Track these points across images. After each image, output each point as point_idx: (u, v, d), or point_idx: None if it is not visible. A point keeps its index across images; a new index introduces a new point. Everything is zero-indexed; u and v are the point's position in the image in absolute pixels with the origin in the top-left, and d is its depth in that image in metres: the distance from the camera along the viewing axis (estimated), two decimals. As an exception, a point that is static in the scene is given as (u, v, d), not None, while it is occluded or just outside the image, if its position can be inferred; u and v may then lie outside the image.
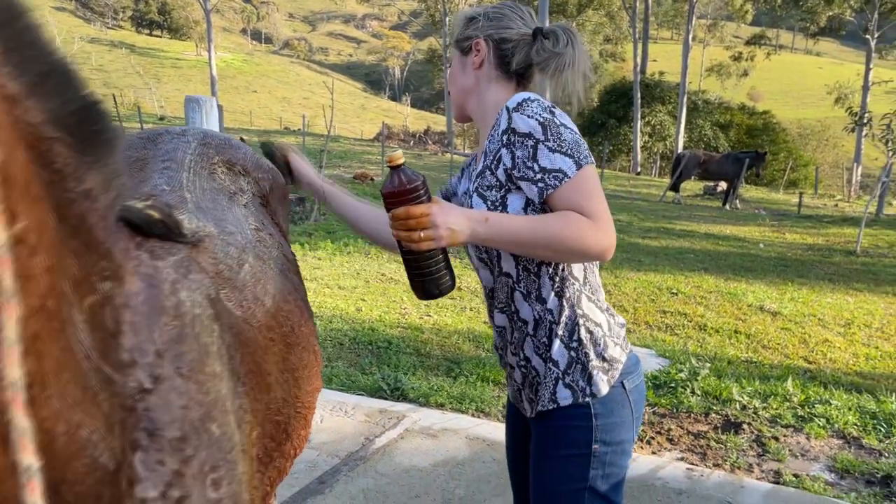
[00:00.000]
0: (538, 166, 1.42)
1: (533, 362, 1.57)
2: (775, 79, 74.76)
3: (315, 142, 25.85)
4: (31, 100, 0.73)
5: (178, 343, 1.07)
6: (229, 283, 1.35)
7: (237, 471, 1.12)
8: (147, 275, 1.09)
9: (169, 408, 1.00)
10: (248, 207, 1.70)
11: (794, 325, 6.43)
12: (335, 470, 3.25)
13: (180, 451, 1.00)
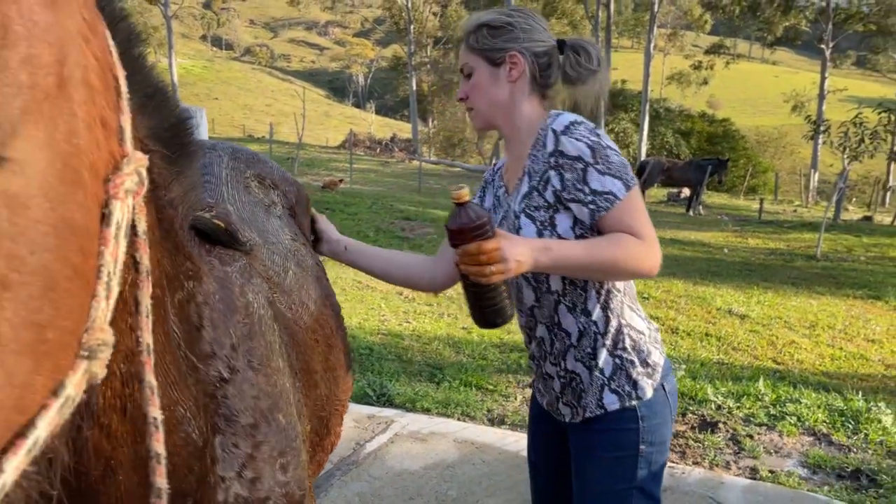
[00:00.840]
0: (588, 189, 1.47)
1: (577, 371, 1.62)
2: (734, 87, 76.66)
3: (281, 149, 25.69)
4: (139, 117, 0.81)
5: (249, 339, 1.18)
6: (279, 287, 1.46)
7: (301, 458, 1.22)
8: (220, 277, 1.19)
9: (243, 397, 1.10)
10: (281, 219, 1.79)
11: (761, 327, 6.65)
12: (329, 475, 3.29)
13: (252, 436, 1.10)
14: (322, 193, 14.92)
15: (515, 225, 1.58)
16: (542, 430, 1.84)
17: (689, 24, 51.45)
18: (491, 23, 1.61)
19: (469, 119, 1.72)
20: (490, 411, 4.30)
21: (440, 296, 7.51)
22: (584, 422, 1.65)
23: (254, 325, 1.20)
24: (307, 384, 1.40)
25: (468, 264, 1.34)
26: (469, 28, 1.64)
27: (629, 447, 1.59)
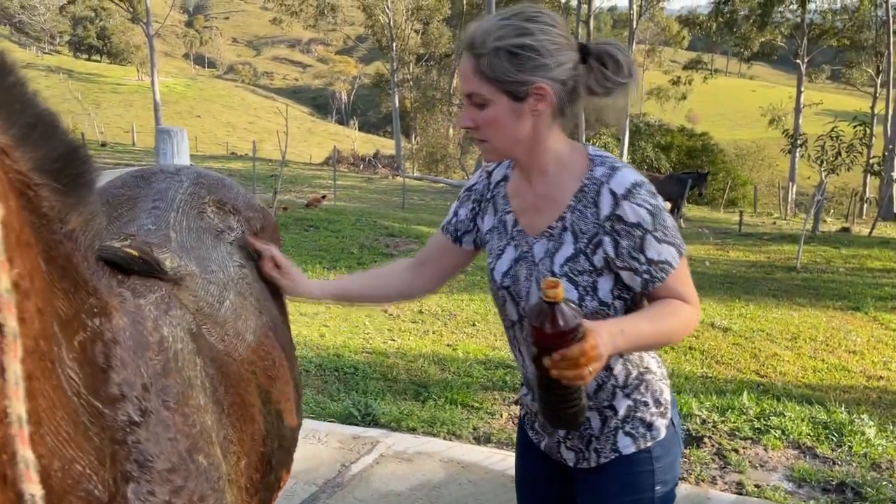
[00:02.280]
0: (644, 257, 1.38)
1: (588, 418, 1.55)
2: (712, 101, 77.68)
3: (264, 167, 25.62)
4: (19, 150, 0.77)
5: (163, 377, 1.11)
6: (210, 318, 1.40)
7: (225, 500, 1.16)
8: (131, 311, 1.12)
9: (157, 440, 1.04)
10: (233, 245, 1.74)
11: (744, 340, 6.70)
12: (313, 497, 3.26)
13: (170, 481, 1.04)
14: (305, 211, 14.87)
15: (544, 273, 1.48)
16: (535, 469, 1.75)
17: (667, 40, 52.21)
18: (511, 48, 1.36)
19: (479, 149, 1.53)
20: (476, 429, 4.28)
21: (425, 312, 7.50)
22: (596, 467, 1.58)
23: (168, 362, 1.14)
24: (241, 419, 1.34)
25: (566, 369, 1.19)
26: (480, 48, 1.38)
27: (646, 489, 1.54)
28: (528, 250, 1.52)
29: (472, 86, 1.41)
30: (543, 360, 1.20)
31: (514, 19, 1.38)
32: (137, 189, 1.79)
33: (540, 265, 1.49)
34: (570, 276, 1.44)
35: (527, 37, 1.36)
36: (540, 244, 1.50)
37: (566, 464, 1.64)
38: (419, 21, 43.05)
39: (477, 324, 7.14)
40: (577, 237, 1.44)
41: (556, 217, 1.47)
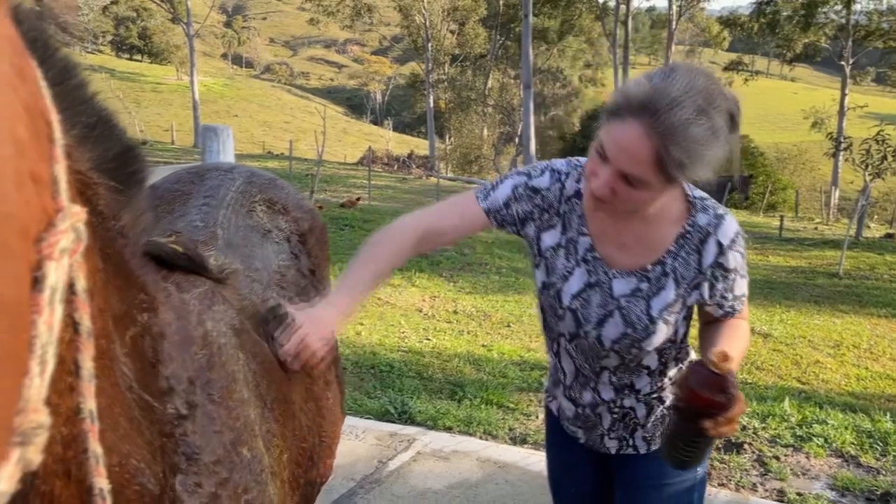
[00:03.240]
0: (732, 295, 1.49)
1: (634, 408, 1.64)
2: (751, 104, 76.27)
3: (300, 166, 25.91)
4: (79, 150, 0.79)
5: (208, 371, 1.13)
6: (253, 318, 1.40)
7: (268, 492, 1.17)
8: (176, 306, 1.14)
9: (203, 433, 1.06)
10: (280, 245, 1.76)
11: (785, 346, 6.58)
12: (351, 493, 3.29)
13: (216, 473, 1.05)
14: (340, 210, 15.00)
15: (634, 316, 1.50)
16: (571, 464, 1.81)
17: (707, 41, 51.45)
18: (705, 158, 1.31)
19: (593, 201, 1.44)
20: (512, 430, 4.28)
21: (459, 313, 7.51)
22: (645, 453, 1.66)
23: (213, 356, 1.15)
24: (283, 414, 1.36)
25: (725, 426, 1.27)
26: (671, 140, 1.27)
27: (689, 471, 1.61)
28: (604, 281, 1.52)
29: (639, 170, 1.32)
30: (705, 422, 1.27)
31: (706, 119, 1.28)
32: (191, 185, 1.83)
33: (624, 302, 1.50)
34: (664, 319, 1.49)
35: (716, 144, 1.31)
36: (624, 281, 1.51)
37: (607, 452, 1.70)
38: (455, 21, 43.08)
39: (512, 325, 7.13)
40: (679, 283, 1.48)
41: (654, 260, 1.49)
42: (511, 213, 1.57)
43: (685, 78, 1.29)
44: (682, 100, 1.26)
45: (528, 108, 23.10)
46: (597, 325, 1.55)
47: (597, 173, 1.36)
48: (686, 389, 1.30)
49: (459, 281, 9.05)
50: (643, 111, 1.27)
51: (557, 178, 1.56)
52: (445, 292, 8.36)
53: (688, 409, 1.30)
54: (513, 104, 36.84)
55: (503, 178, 1.61)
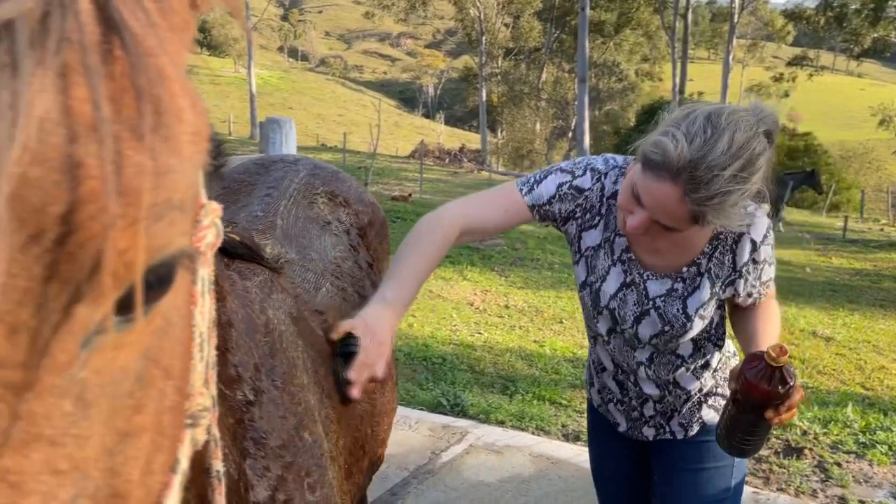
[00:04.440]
0: (760, 283, 1.53)
1: (674, 398, 1.68)
2: (815, 100, 73.76)
3: (353, 158, 26.20)
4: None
5: (271, 357, 1.15)
6: (307, 305, 1.43)
7: (327, 476, 1.20)
8: (240, 294, 1.17)
9: (270, 418, 1.08)
10: (339, 237, 1.78)
11: (848, 350, 6.38)
12: (405, 482, 3.34)
13: (281, 457, 1.08)
14: (392, 203, 15.14)
15: (671, 315, 1.54)
16: (614, 453, 1.86)
17: (770, 34, 49.93)
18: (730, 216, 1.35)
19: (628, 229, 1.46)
20: (564, 426, 4.27)
21: (511, 308, 7.50)
22: (682, 439, 1.70)
23: (275, 343, 1.18)
24: (338, 401, 1.38)
25: (785, 413, 1.33)
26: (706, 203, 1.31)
27: (727, 457, 1.63)
28: (639, 282, 1.58)
29: (674, 224, 1.37)
30: (766, 412, 1.33)
31: (743, 184, 1.31)
32: (256, 176, 1.88)
33: (659, 302, 1.55)
34: (701, 315, 1.54)
35: (749, 197, 1.35)
36: (659, 283, 1.56)
37: (644, 440, 1.74)
38: (510, 14, 42.83)
39: (564, 321, 7.09)
40: (714, 282, 1.53)
41: (687, 262, 1.53)
42: (553, 210, 1.59)
43: (727, 135, 1.29)
44: (722, 167, 1.29)
45: (582, 102, 22.83)
46: (634, 323, 1.59)
47: (632, 211, 1.40)
48: (744, 382, 1.34)
49: (511, 276, 9.04)
50: (681, 177, 1.30)
51: (598, 178, 1.59)
52: (497, 287, 8.36)
53: (747, 402, 1.35)
54: (567, 98, 36.48)
55: (545, 172, 1.62)
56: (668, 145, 1.30)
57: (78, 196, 0.38)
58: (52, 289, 0.39)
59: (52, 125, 0.37)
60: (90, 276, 0.40)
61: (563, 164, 1.63)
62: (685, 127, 1.31)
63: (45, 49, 0.37)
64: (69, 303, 0.40)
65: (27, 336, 0.39)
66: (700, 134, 1.30)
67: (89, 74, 0.38)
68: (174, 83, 0.44)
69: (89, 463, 0.43)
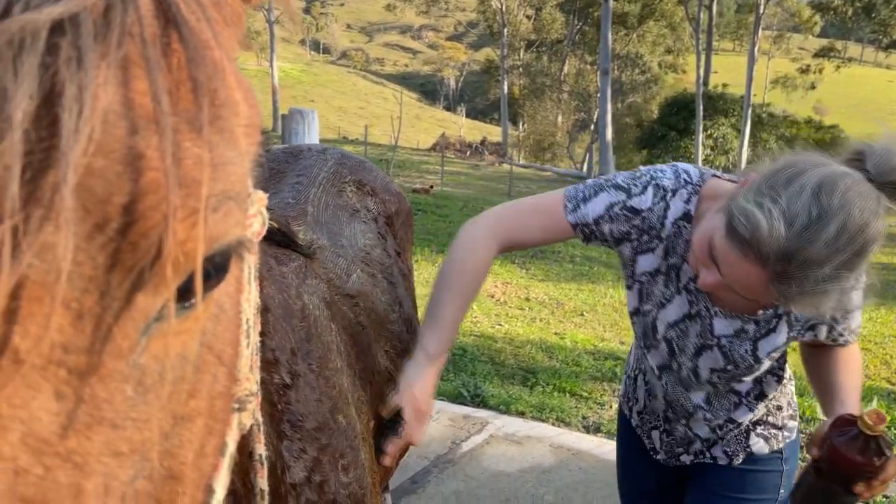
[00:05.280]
0: (849, 331, 1.39)
1: (724, 433, 1.55)
2: (842, 92, 72.46)
3: (374, 151, 26.27)
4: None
5: (307, 342, 1.17)
6: (339, 290, 1.46)
7: (360, 457, 1.22)
8: (277, 279, 1.18)
9: (306, 401, 1.10)
10: (367, 224, 1.80)
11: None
12: (426, 471, 3.36)
13: (317, 440, 1.10)
14: (414, 196, 15.17)
15: (738, 356, 1.40)
16: (644, 472, 1.74)
17: (796, 25, 49.14)
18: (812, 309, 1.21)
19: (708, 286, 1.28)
20: (585, 418, 4.26)
21: (531, 300, 7.49)
22: (724, 465, 1.58)
23: (311, 327, 1.20)
24: (370, 384, 1.41)
25: (878, 488, 1.22)
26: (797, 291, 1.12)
27: (771, 490, 1.54)
28: (705, 315, 1.40)
29: (753, 297, 1.21)
30: (856, 486, 1.19)
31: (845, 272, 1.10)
32: (286, 164, 1.90)
33: (724, 342, 1.39)
34: (771, 357, 1.40)
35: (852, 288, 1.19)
36: (727, 322, 1.39)
37: (682, 465, 1.63)
38: (531, 6, 42.61)
39: (585, 314, 7.07)
40: (792, 326, 1.36)
41: (765, 305, 1.35)
42: (601, 231, 1.41)
43: (837, 221, 1.06)
44: (822, 261, 1.07)
45: (605, 94, 22.65)
46: (693, 356, 1.44)
47: (707, 267, 1.22)
48: (832, 450, 1.20)
49: (532, 268, 9.02)
50: (770, 263, 1.10)
51: (662, 197, 1.37)
52: (518, 279, 8.35)
53: (833, 472, 1.21)
54: (589, 91, 36.21)
55: (598, 187, 1.42)
56: (760, 224, 1.08)
57: (140, 187, 0.39)
58: (115, 277, 0.40)
59: (115, 117, 0.38)
60: (151, 265, 0.41)
61: (620, 177, 1.42)
62: (785, 202, 1.08)
63: (108, 43, 0.38)
64: (131, 291, 0.41)
65: (91, 322, 0.40)
66: (803, 216, 1.07)
67: (149, 67, 0.40)
68: (229, 76, 0.45)
69: (147, 445, 0.45)
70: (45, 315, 0.38)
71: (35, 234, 0.36)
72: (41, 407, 0.39)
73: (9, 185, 0.35)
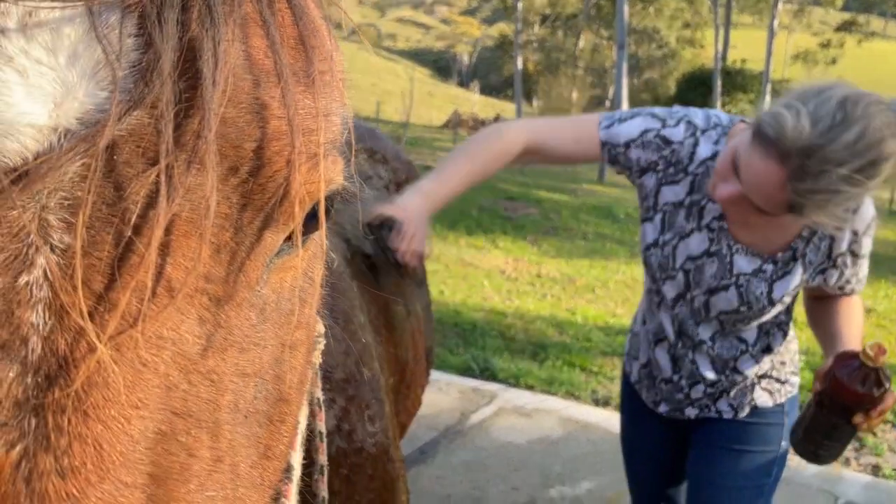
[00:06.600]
0: (856, 279, 1.45)
1: (729, 383, 1.60)
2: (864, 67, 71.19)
3: (385, 128, 26.18)
4: None
5: (334, 298, 1.20)
6: (358, 250, 1.50)
7: (385, 409, 1.28)
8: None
9: (333, 354, 1.14)
10: (380, 191, 1.83)
11: (889, 322, 6.26)
12: (435, 442, 3.40)
13: (345, 391, 1.15)
14: (427, 172, 15.14)
15: (753, 297, 1.45)
16: (649, 432, 1.79)
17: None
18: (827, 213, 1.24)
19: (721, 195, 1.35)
20: (595, 392, 4.28)
21: (543, 276, 7.49)
22: (729, 419, 1.62)
23: (337, 284, 1.23)
24: (388, 341, 1.45)
25: (876, 419, 1.26)
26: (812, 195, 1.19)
27: (774, 442, 1.58)
28: (725, 253, 1.45)
29: (765, 206, 1.25)
30: (856, 417, 1.24)
31: (859, 177, 1.16)
32: None
33: (742, 280, 1.44)
34: (783, 301, 1.46)
35: (861, 197, 1.26)
36: (748, 259, 1.44)
37: (686, 419, 1.67)
38: (546, -20, 42.04)
39: (597, 290, 7.06)
40: (806, 268, 1.43)
41: (783, 244, 1.41)
42: (628, 155, 1.48)
43: (858, 127, 1.14)
44: (839, 163, 1.14)
45: (620, 69, 22.39)
46: (707, 292, 1.49)
47: (727, 179, 1.28)
48: (835, 382, 1.25)
49: (544, 245, 9.01)
50: (790, 160, 1.16)
51: (692, 133, 1.44)
52: (529, 255, 8.34)
53: (834, 403, 1.26)
54: (604, 66, 35.84)
55: (635, 112, 1.49)
56: (787, 121, 1.16)
57: (266, 133, 0.43)
58: (247, 215, 0.45)
59: (241, 71, 0.42)
60: (278, 205, 0.45)
61: (657, 108, 1.50)
62: (813, 105, 1.16)
63: (233, 2, 0.42)
64: (261, 228, 0.46)
65: (228, 256, 0.45)
66: (828, 118, 1.14)
67: (266, 25, 0.44)
68: (324, 31, 0.50)
69: (265, 369, 0.50)
70: (193, 249, 0.42)
71: (184, 176, 0.40)
72: (188, 330, 0.44)
73: (164, 130, 0.38)
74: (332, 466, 1.11)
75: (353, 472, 1.17)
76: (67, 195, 0.38)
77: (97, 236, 0.39)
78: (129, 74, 0.39)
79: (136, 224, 0.40)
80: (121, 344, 0.40)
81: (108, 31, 0.38)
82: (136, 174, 0.39)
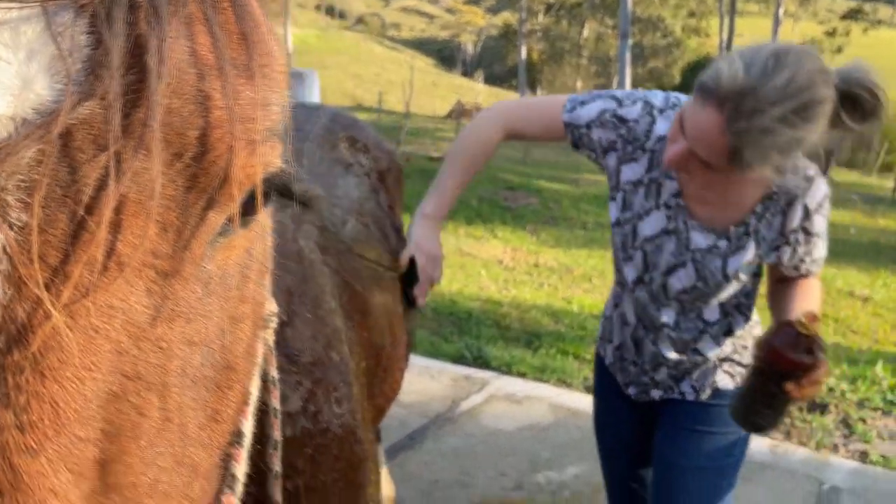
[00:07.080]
0: (811, 258, 1.45)
1: (691, 364, 1.64)
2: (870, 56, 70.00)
3: (388, 118, 26.14)
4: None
5: (303, 283, 1.26)
6: (334, 237, 1.52)
7: (353, 392, 1.31)
8: (273, 224, 1.25)
9: (301, 338, 1.19)
10: (361, 179, 1.85)
11: (886, 311, 6.25)
12: (424, 428, 3.42)
13: (312, 373, 1.19)
14: (428, 162, 15.12)
15: (708, 271, 1.49)
16: (619, 412, 1.83)
17: (823, -14, 47.79)
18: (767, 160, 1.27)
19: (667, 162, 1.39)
20: (587, 379, 4.29)
21: (540, 266, 7.50)
22: (692, 400, 1.66)
23: (305, 270, 1.28)
24: (361, 325, 1.48)
25: (809, 387, 1.27)
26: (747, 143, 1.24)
27: (735, 424, 1.58)
28: (682, 230, 1.49)
29: (710, 157, 1.29)
30: (788, 384, 1.25)
31: (791, 128, 1.23)
32: None
33: (699, 256, 1.48)
34: (738, 278, 1.48)
35: (797, 151, 1.28)
36: (703, 236, 1.48)
37: (651, 401, 1.71)
38: (550, -31, 41.78)
39: (594, 279, 7.07)
40: (759, 244, 1.45)
41: (736, 219, 1.45)
42: (591, 136, 1.55)
43: (788, 71, 1.21)
44: (772, 102, 1.20)
45: (624, 58, 22.28)
46: (665, 272, 1.53)
47: (675, 140, 1.34)
48: (770, 349, 1.27)
49: (542, 234, 9.01)
50: (727, 105, 1.23)
51: (649, 112, 1.50)
52: (528, 245, 8.35)
53: (770, 371, 1.28)
54: (609, 55, 35.67)
55: (596, 95, 1.57)
56: (723, 70, 1.24)
57: (209, 122, 0.48)
58: (192, 197, 0.49)
59: (185, 65, 0.46)
60: (220, 187, 0.50)
61: (618, 91, 1.60)
62: (748, 55, 1.25)
63: (178, 2, 0.46)
64: (204, 208, 0.50)
65: (174, 234, 0.49)
66: (759, 64, 1.22)
67: (209, 23, 0.48)
68: (265, 27, 0.54)
69: (211, 338, 0.55)
70: (140, 227, 0.46)
71: (131, 161, 0.44)
72: (137, 300, 0.48)
73: (113, 119, 0.42)
74: (297, 447, 1.15)
75: (318, 451, 1.20)
76: (25, 178, 0.42)
77: (52, 215, 0.43)
78: (81, 69, 0.42)
79: (87, 204, 0.43)
80: (74, 312, 0.44)
81: (62, 29, 0.42)
82: (88, 159, 0.43)
